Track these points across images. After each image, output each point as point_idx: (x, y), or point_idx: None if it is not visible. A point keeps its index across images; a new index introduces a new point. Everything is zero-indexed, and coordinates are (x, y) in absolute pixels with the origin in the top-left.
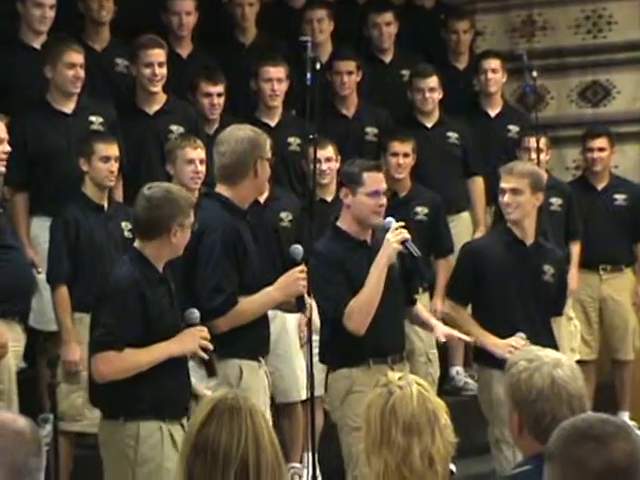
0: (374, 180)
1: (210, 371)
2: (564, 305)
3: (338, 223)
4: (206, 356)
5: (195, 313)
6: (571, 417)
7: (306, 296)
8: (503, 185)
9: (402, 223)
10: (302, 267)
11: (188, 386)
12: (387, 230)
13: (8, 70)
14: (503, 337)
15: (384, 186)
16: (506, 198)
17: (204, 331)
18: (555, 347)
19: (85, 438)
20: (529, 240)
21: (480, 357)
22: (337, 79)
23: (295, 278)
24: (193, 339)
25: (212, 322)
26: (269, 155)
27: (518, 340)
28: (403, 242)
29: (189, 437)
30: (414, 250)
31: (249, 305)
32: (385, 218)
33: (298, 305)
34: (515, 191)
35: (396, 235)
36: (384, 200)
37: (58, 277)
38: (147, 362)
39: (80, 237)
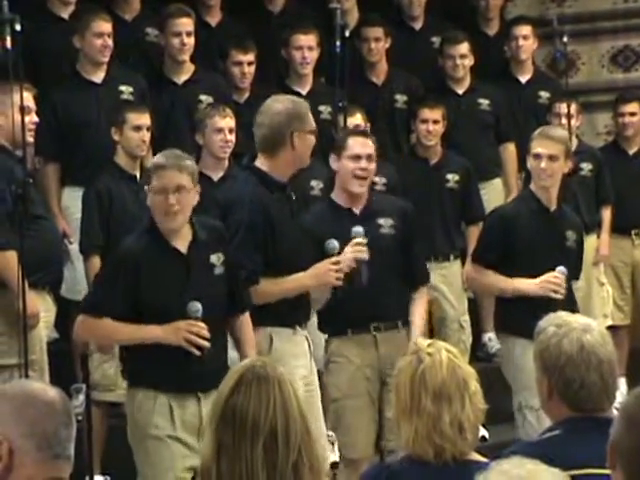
0: (356, 143)
1: None
2: (581, 270)
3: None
4: (196, 352)
5: (196, 306)
6: (600, 382)
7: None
8: (540, 150)
9: (365, 240)
10: (336, 259)
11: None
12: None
13: (37, 41)
14: (527, 304)
15: (368, 151)
16: (543, 164)
17: (196, 327)
18: (577, 311)
19: (118, 407)
20: (553, 206)
21: (502, 325)
22: (365, 46)
23: (327, 269)
24: (178, 332)
25: None
26: (310, 127)
27: (557, 275)
28: (358, 261)
29: (217, 406)
30: (364, 276)
31: (273, 287)
32: (357, 227)
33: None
34: (552, 157)
35: (355, 250)
36: (366, 165)
37: (91, 247)
38: (126, 339)
39: (113, 207)
